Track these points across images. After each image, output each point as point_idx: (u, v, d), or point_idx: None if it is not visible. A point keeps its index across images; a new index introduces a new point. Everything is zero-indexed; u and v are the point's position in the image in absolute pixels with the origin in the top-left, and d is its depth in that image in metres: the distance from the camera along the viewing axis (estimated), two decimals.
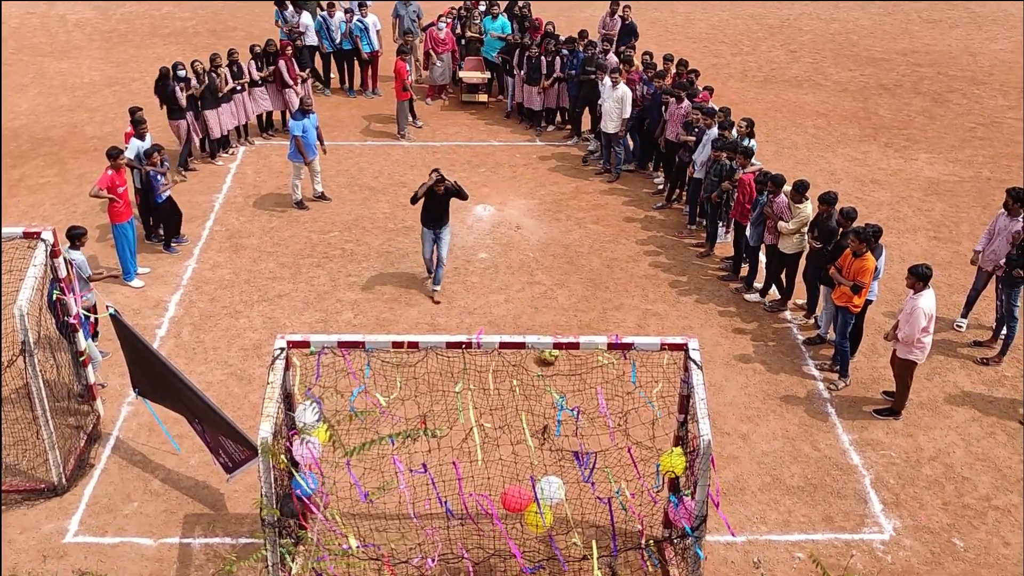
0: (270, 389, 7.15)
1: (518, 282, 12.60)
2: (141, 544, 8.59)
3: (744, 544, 8.69)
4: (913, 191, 15.11)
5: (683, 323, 11.74)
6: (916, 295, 9.61)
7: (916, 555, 8.59)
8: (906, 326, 9.63)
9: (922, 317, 9.52)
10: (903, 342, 9.73)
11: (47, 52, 20.67)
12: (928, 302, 9.57)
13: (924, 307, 9.53)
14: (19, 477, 9.21)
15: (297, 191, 14.35)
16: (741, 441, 9.88)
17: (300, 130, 13.78)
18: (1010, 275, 10.66)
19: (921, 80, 19.72)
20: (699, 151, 13.34)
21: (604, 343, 7.38)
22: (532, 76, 16.51)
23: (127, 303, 11.79)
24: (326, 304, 12.05)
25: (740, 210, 12.16)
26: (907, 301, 9.74)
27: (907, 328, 9.62)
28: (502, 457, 8.27)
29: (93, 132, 16.81)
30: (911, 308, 9.59)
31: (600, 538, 8.11)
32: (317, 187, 14.51)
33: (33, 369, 8.58)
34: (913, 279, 9.62)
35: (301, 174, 14.25)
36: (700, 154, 13.28)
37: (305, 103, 13.95)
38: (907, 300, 9.76)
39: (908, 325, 9.60)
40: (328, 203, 14.45)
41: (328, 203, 14.45)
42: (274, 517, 6.94)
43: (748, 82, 19.50)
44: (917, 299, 9.57)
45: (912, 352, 9.74)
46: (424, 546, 8.19)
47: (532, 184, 15.24)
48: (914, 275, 9.60)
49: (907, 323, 9.61)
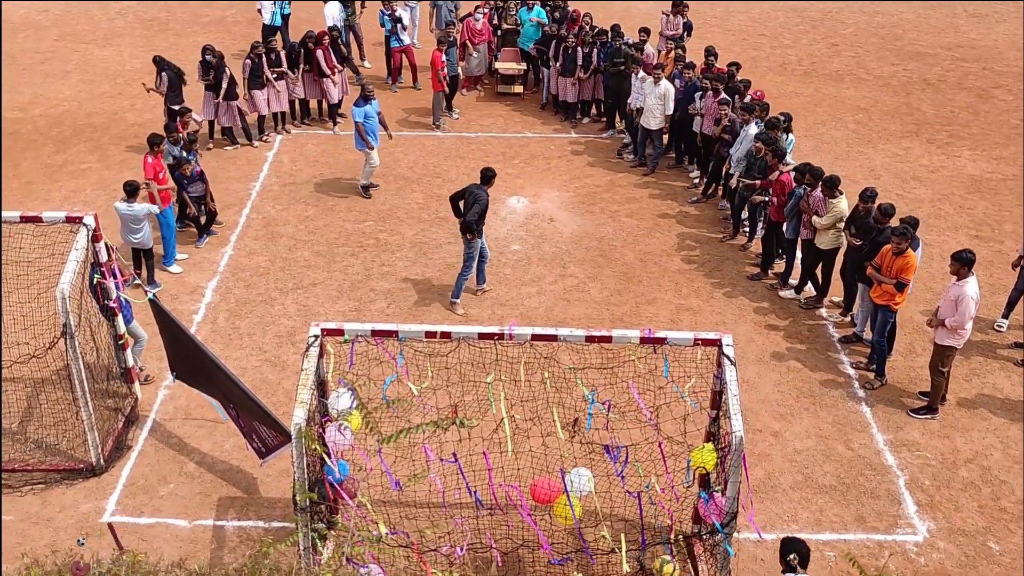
0: (304, 376, 7.21)
1: (551, 274, 12.59)
2: (176, 525, 8.74)
3: (774, 542, 8.62)
4: (955, 189, 14.85)
5: (716, 318, 11.66)
6: (961, 282, 9.43)
7: (950, 558, 8.48)
8: (954, 313, 9.47)
9: (971, 305, 9.38)
10: (950, 328, 9.58)
11: (90, 40, 20.98)
12: (974, 288, 9.43)
13: (971, 294, 9.38)
14: (59, 456, 9.41)
15: (367, 176, 14.40)
16: (773, 439, 9.80)
17: (362, 116, 13.81)
18: None
19: (966, 75, 19.34)
20: (736, 146, 13.21)
21: (637, 337, 7.35)
22: (568, 67, 16.45)
23: (164, 289, 11.96)
24: (359, 293, 12.14)
25: (774, 208, 12.03)
26: (951, 288, 9.56)
27: (956, 316, 9.46)
28: (532, 449, 8.28)
29: (134, 119, 17.04)
30: (958, 295, 9.40)
31: (629, 532, 8.10)
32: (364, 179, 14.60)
33: (74, 351, 8.75)
34: (957, 265, 9.44)
35: (371, 160, 14.24)
36: (737, 150, 13.15)
37: (367, 89, 13.95)
38: (951, 287, 9.57)
39: (958, 313, 9.43)
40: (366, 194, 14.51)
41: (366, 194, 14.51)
42: (307, 502, 7.02)
43: (787, 76, 19.27)
44: (963, 286, 9.39)
45: (953, 337, 9.60)
46: (453, 535, 8.24)
47: (566, 176, 15.21)
48: (958, 261, 9.42)
49: (954, 310, 9.45)
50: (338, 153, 15.84)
